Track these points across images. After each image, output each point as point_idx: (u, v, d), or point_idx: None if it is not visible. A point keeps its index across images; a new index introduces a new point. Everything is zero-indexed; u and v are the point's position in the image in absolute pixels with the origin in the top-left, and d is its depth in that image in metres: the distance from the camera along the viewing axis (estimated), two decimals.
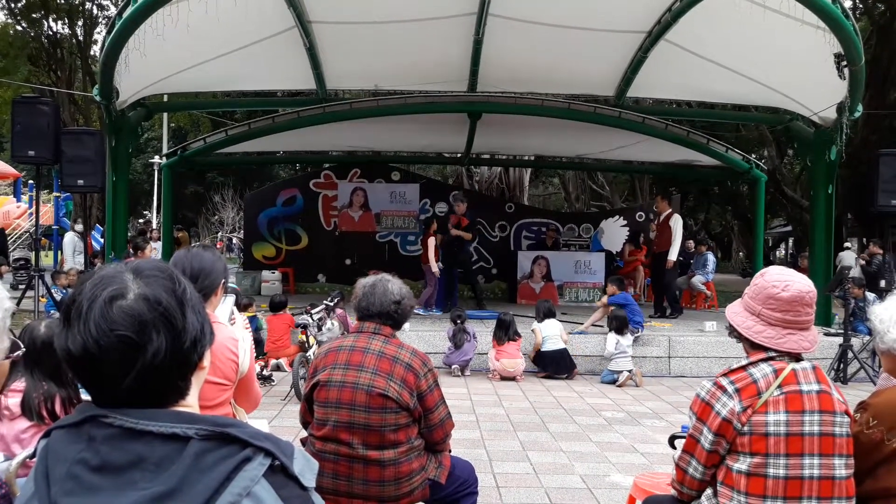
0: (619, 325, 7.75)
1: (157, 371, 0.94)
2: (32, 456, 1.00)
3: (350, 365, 2.59)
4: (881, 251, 12.77)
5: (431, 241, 10.12)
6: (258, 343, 7.77)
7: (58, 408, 2.22)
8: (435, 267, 10.00)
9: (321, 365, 2.67)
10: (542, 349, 7.84)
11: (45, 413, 2.21)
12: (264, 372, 7.25)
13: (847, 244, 16.37)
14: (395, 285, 2.73)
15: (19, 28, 19.86)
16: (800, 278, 2.17)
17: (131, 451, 0.91)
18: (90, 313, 0.93)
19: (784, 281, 2.14)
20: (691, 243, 15.24)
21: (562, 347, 7.79)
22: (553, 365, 7.77)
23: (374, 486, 2.56)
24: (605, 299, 8.52)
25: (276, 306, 8.04)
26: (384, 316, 2.68)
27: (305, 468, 0.95)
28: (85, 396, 1.03)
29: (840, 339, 7.91)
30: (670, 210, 10.36)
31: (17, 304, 8.05)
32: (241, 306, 7.51)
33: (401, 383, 2.56)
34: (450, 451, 2.88)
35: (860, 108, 8.59)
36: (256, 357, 7.34)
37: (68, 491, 0.89)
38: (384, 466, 2.55)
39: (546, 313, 7.97)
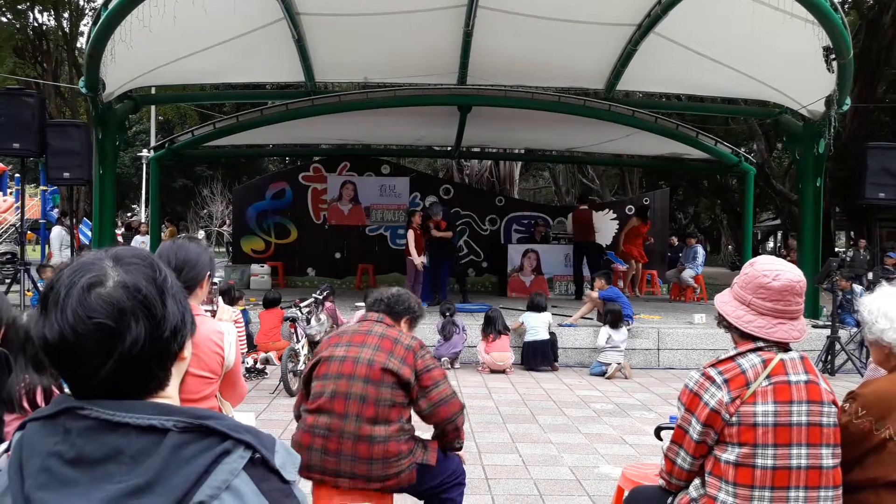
0: (614, 319, 7.77)
1: (135, 360, 0.92)
2: (8, 449, 0.97)
3: (353, 343, 2.73)
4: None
5: (411, 235, 10.08)
6: (248, 337, 7.72)
7: (39, 398, 2.19)
8: (417, 260, 9.97)
9: (324, 346, 2.80)
10: (526, 339, 7.89)
11: (26, 405, 2.18)
12: (257, 365, 7.22)
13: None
14: (399, 292, 2.99)
15: (4, 19, 19.60)
16: (790, 268, 2.16)
17: (107, 443, 0.88)
18: (67, 300, 0.91)
19: (774, 270, 2.13)
20: (674, 239, 15.30)
21: (544, 338, 7.82)
22: (534, 356, 7.79)
23: (361, 463, 2.58)
24: (594, 294, 8.52)
25: (269, 303, 8.00)
26: (386, 307, 2.89)
27: (287, 461, 0.93)
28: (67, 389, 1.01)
29: (828, 331, 7.97)
30: None
31: None
32: (232, 300, 7.47)
33: (401, 360, 2.66)
34: (458, 446, 2.84)
35: (848, 101, 8.63)
36: (248, 351, 7.31)
37: (42, 484, 0.87)
38: (373, 443, 2.58)
39: (530, 306, 8.04)
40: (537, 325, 7.86)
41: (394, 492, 2.69)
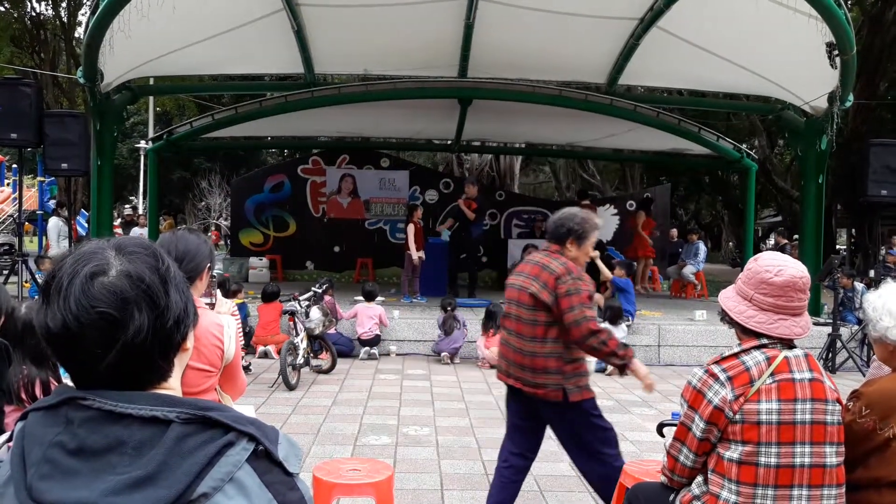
0: (613, 315, 7.76)
1: (138, 350, 0.91)
2: (10, 439, 0.96)
3: (519, 272, 3.27)
4: (786, 241, 13.37)
5: (411, 229, 10.08)
6: (248, 334, 7.70)
7: (38, 391, 2.18)
8: (415, 255, 9.97)
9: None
10: None
11: (24, 396, 2.17)
12: (241, 362, 7.19)
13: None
14: (560, 214, 3.28)
15: (2, 8, 19.50)
16: (793, 263, 2.15)
17: (110, 434, 0.87)
18: (70, 289, 0.90)
19: (777, 266, 2.12)
20: (674, 232, 15.25)
21: None
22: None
23: (517, 368, 3.16)
24: (610, 275, 8.52)
25: (268, 296, 7.99)
26: (549, 234, 3.25)
27: (290, 453, 0.93)
28: (67, 380, 1.00)
29: (829, 329, 7.96)
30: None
31: None
32: (230, 293, 7.45)
33: (542, 285, 3.07)
34: (615, 363, 3.07)
35: (851, 97, 8.60)
36: (243, 346, 7.29)
37: (44, 475, 0.86)
38: (524, 354, 3.13)
39: None
40: None
41: (544, 402, 3.11)
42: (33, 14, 19.76)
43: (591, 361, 7.83)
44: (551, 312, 3.03)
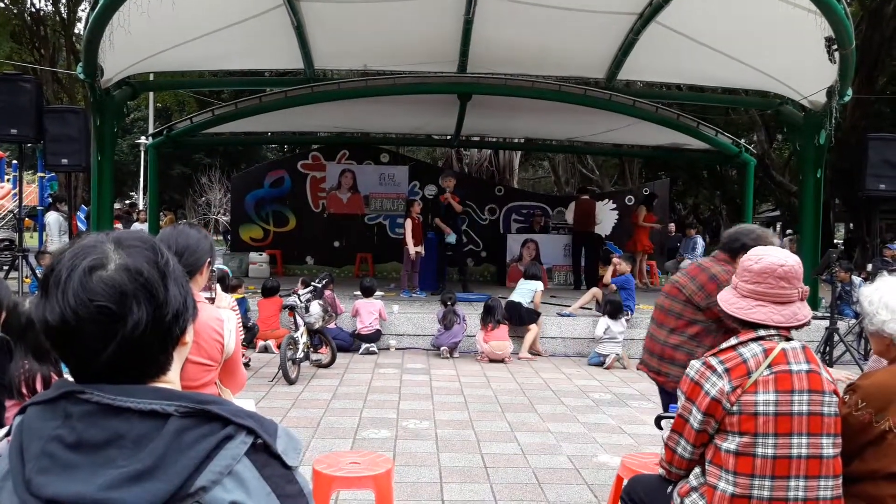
0: (613, 310, 7.77)
1: (137, 344, 0.91)
2: (9, 434, 0.96)
3: (682, 270, 3.46)
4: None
5: (408, 224, 10.08)
6: (249, 330, 7.71)
7: (38, 385, 2.19)
8: (412, 250, 9.98)
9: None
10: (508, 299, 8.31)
11: (25, 391, 2.18)
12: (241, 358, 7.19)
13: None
14: (737, 228, 3.36)
15: (1, 4, 19.46)
16: (778, 253, 2.17)
17: (109, 428, 0.88)
18: (69, 283, 0.90)
19: (759, 255, 2.17)
20: (673, 226, 15.24)
21: (516, 301, 8.14)
22: (510, 315, 8.05)
23: (647, 353, 3.44)
24: (608, 278, 8.54)
25: (268, 291, 8.01)
26: (723, 245, 3.34)
27: (289, 447, 0.93)
28: (68, 375, 1.00)
29: (826, 323, 7.98)
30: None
31: None
32: (230, 288, 7.46)
33: (698, 286, 3.20)
34: None
35: (850, 92, 8.59)
36: (243, 343, 7.30)
37: (43, 468, 0.86)
38: (656, 341, 3.34)
39: (524, 274, 8.60)
40: (519, 289, 8.28)
41: (662, 389, 3.37)
42: (33, 10, 19.71)
43: (589, 353, 7.88)
44: (701, 312, 3.16)
